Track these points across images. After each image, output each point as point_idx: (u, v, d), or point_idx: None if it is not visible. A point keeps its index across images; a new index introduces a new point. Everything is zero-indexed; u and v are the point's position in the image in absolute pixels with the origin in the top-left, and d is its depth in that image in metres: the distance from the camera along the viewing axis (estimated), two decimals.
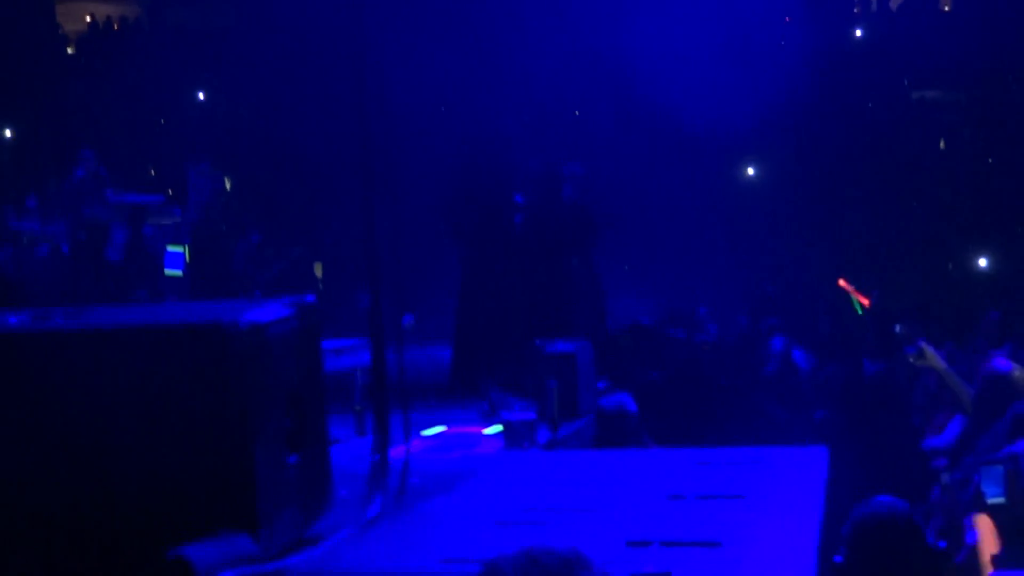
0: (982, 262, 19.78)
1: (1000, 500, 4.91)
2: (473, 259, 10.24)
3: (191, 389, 4.13)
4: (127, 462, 4.13)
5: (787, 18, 24.07)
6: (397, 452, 5.34)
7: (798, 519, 4.51)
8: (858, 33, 26.01)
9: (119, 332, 4.31)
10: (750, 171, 23.42)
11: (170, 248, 17.00)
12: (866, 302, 14.62)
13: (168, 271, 16.85)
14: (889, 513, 4.29)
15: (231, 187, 20.81)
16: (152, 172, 22.64)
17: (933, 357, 8.78)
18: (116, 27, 28.63)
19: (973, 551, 5.36)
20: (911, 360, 9.18)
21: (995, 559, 4.97)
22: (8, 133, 23.61)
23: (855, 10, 27.31)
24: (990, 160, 22.90)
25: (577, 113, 21.99)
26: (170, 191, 20.15)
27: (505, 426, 6.98)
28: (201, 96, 24.73)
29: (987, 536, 5.05)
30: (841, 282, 15.40)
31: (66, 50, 27.78)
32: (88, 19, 29.43)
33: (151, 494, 4.09)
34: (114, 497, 4.12)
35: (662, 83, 19.87)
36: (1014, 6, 23.19)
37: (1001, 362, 7.65)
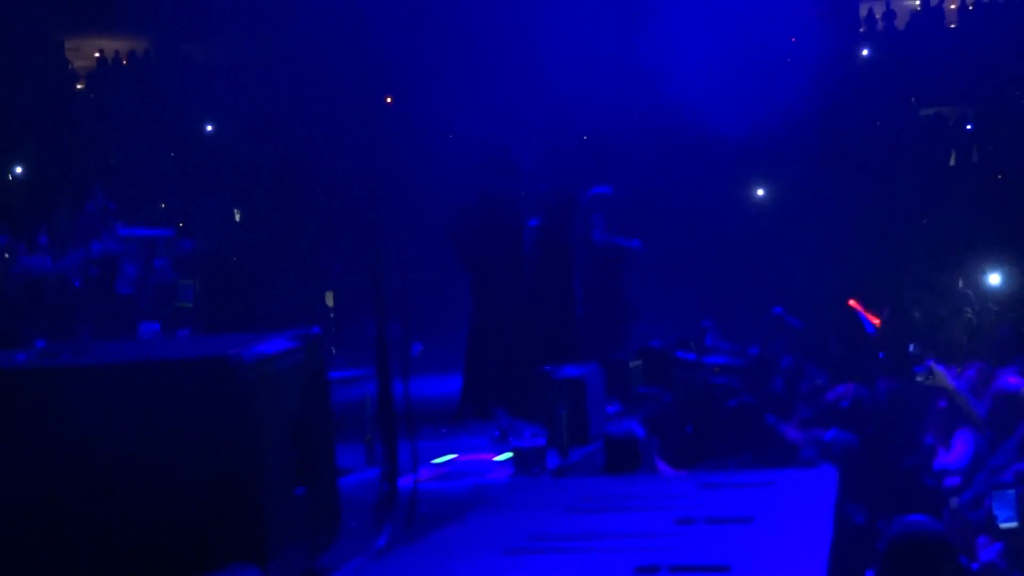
0: (994, 278, 19.72)
1: (1013, 525, 4.86)
2: (483, 285, 10.23)
3: (198, 422, 4.14)
4: (136, 496, 4.14)
5: (793, 38, 24.11)
6: (406, 481, 5.34)
7: (808, 541, 4.49)
8: (865, 52, 26.04)
9: (126, 367, 4.33)
10: (760, 191, 23.42)
11: (181, 281, 17.07)
12: (877, 321, 14.59)
13: (180, 303, 16.91)
14: (923, 532, 4.40)
15: (241, 219, 20.89)
16: (162, 205, 22.72)
17: (942, 377, 8.79)
18: (125, 62, 28.78)
19: (985, 570, 5.35)
20: (920, 380, 9.18)
21: None
22: (19, 169, 23.73)
23: (861, 29, 27.34)
24: (1000, 176, 22.88)
25: (585, 138, 22.03)
26: (180, 224, 20.22)
27: (515, 453, 6.98)
28: (209, 129, 24.83)
29: None
30: (851, 302, 15.37)
31: (75, 86, 27.93)
32: (97, 55, 29.60)
33: (160, 527, 4.11)
34: (123, 530, 4.13)
35: (671, 103, 19.92)
36: (1019, 22, 23.22)
37: (1010, 380, 7.65)
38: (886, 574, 4.41)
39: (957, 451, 8.49)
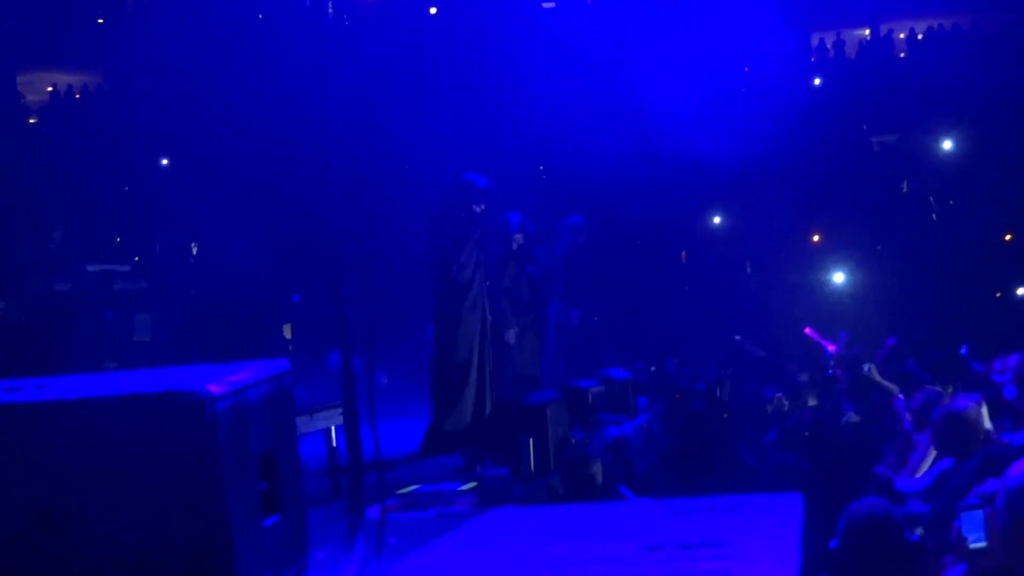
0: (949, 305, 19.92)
1: (982, 545, 4.92)
2: (445, 315, 10.22)
3: (164, 456, 4.11)
4: (101, 532, 4.10)
5: (746, 68, 24.34)
6: (373, 511, 5.32)
7: (775, 566, 4.51)
8: (817, 81, 26.32)
9: (89, 402, 4.28)
10: (716, 219, 23.57)
11: (138, 316, 16.96)
12: (832, 348, 14.70)
13: (137, 337, 16.79)
14: (875, 510, 5.37)
15: (197, 253, 20.79)
16: (117, 240, 22.59)
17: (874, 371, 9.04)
18: (78, 96, 28.64)
19: None
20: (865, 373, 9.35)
21: None
22: None
23: (812, 59, 27.63)
24: (951, 202, 23.14)
25: (541, 168, 22.12)
26: (136, 259, 20.10)
27: (479, 482, 6.97)
28: (164, 162, 24.73)
29: None
30: (807, 331, 15.49)
31: (28, 120, 27.77)
32: (50, 89, 29.45)
33: (124, 563, 4.06)
34: (86, 568, 4.08)
35: (627, 134, 20.04)
36: (969, 51, 23.56)
37: (959, 400, 7.71)
38: (844, 544, 5.25)
39: (918, 472, 8.55)
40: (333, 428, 7.50)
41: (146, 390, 4.38)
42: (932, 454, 8.49)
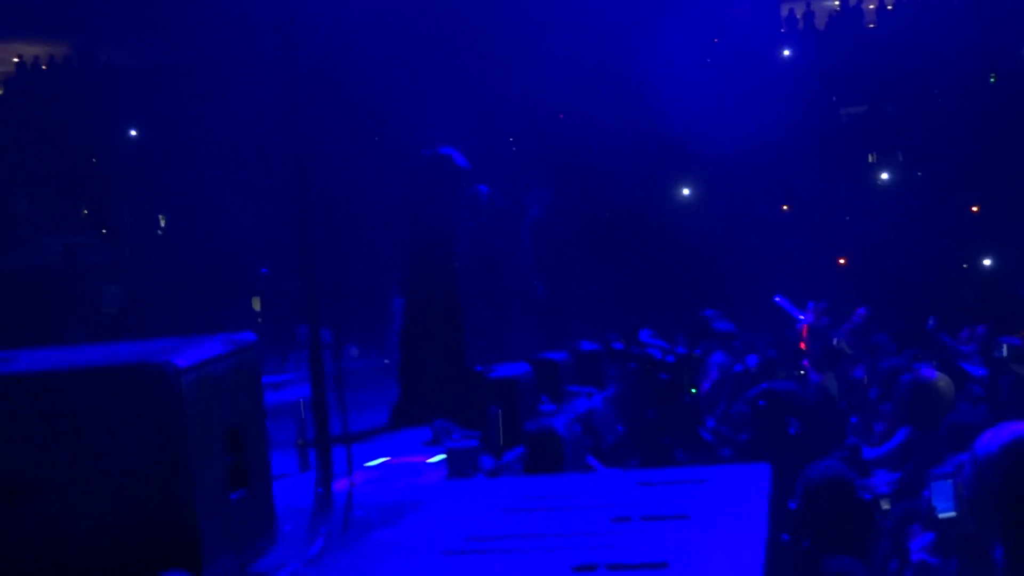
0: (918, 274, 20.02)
1: (951, 515, 4.96)
2: (414, 286, 10.22)
3: (130, 430, 4.09)
4: (65, 505, 4.08)
5: (715, 39, 24.32)
6: (341, 485, 5.31)
7: (743, 537, 4.53)
8: (786, 52, 26.33)
9: (55, 375, 4.27)
10: (685, 191, 23.61)
11: (105, 287, 16.87)
12: (802, 317, 14.76)
13: (104, 309, 16.71)
14: (830, 472, 5.80)
15: (167, 224, 20.68)
16: (85, 211, 22.44)
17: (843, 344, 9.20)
18: (45, 67, 28.39)
19: (921, 569, 5.42)
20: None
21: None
22: None
23: (782, 29, 27.63)
24: (919, 174, 23.23)
25: (511, 139, 22.06)
26: (104, 230, 19.98)
27: (448, 454, 6.97)
28: (133, 133, 24.57)
29: None
30: (777, 299, 15.54)
31: None
32: (16, 60, 29.17)
33: (90, 536, 4.05)
34: (53, 539, 4.07)
35: (599, 106, 20.00)
36: (938, 23, 23.60)
37: (926, 370, 7.76)
38: (802, 504, 5.61)
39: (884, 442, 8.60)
40: (302, 401, 7.49)
41: (112, 363, 4.37)
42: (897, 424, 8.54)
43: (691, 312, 17.02)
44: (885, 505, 6.35)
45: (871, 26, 27.86)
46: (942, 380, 7.53)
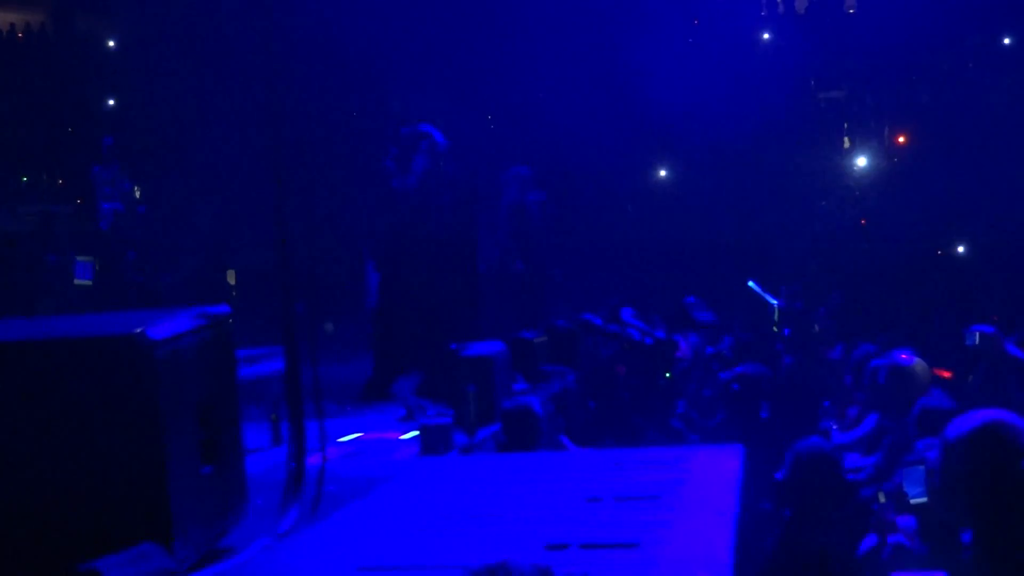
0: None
1: (923, 500, 4.99)
2: (389, 262, 10.20)
3: (102, 401, 4.07)
4: (36, 476, 4.06)
5: (695, 20, 24.30)
6: (313, 460, 5.30)
7: (714, 518, 4.55)
8: (766, 36, 26.33)
9: (28, 345, 4.24)
10: (662, 172, 23.62)
11: (80, 258, 16.76)
12: (775, 302, 14.80)
13: (78, 281, 16.61)
14: (818, 448, 6.10)
15: (140, 195, 20.56)
16: (60, 181, 22.30)
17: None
18: (20, 35, 28.15)
19: (897, 550, 5.45)
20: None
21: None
22: None
23: (763, 12, 27.63)
24: (895, 160, 23.30)
25: (490, 117, 22.02)
26: (79, 200, 19.85)
27: (421, 431, 6.97)
28: (111, 103, 24.40)
29: None
30: (750, 283, 15.58)
31: None
32: None
33: (62, 507, 4.03)
34: (24, 511, 4.05)
35: (580, 85, 19.97)
36: (917, 9, 23.62)
37: (902, 356, 7.79)
38: (789, 476, 5.91)
39: (855, 426, 8.64)
40: (275, 376, 7.47)
41: (85, 334, 4.34)
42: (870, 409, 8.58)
43: (669, 293, 17.05)
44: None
45: (851, 11, 27.89)
46: (918, 366, 7.57)
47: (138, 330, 4.09)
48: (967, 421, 3.56)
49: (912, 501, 5.11)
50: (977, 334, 8.76)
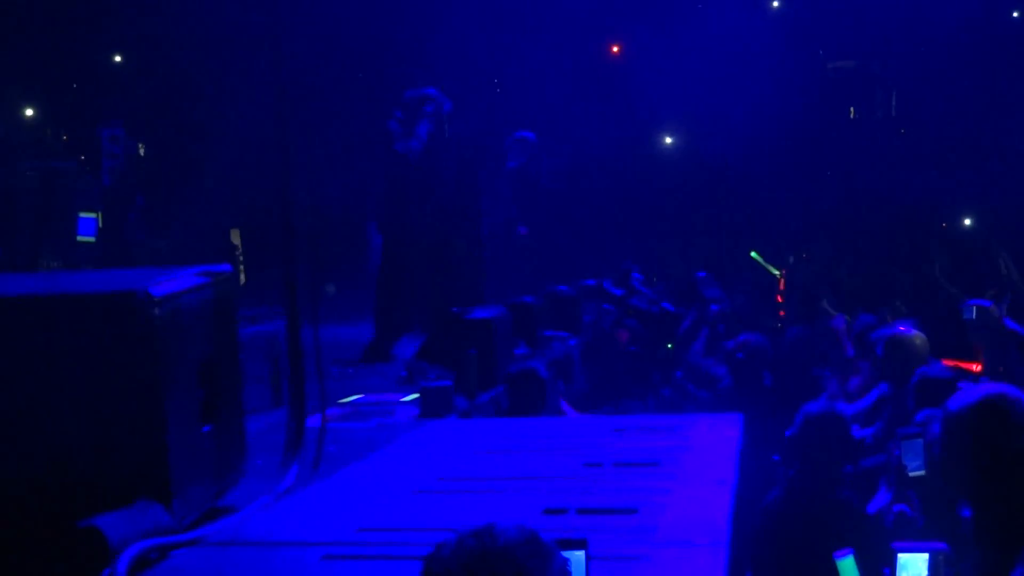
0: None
1: (921, 473, 5.00)
2: (391, 225, 10.17)
3: (102, 358, 4.06)
4: (36, 432, 4.06)
5: None
6: (313, 420, 5.30)
7: (712, 485, 4.55)
8: (775, 4, 26.17)
9: (27, 300, 4.23)
10: (668, 140, 23.54)
11: (83, 214, 16.74)
12: (778, 272, 14.78)
13: (81, 237, 16.60)
14: (827, 408, 6.44)
15: (146, 153, 20.51)
16: (64, 137, 22.23)
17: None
18: None
19: (900, 518, 5.47)
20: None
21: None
22: None
23: None
24: (902, 131, 23.21)
25: (496, 80, 21.91)
26: (82, 157, 19.80)
27: (422, 393, 6.97)
28: (118, 59, 24.25)
29: None
30: (753, 253, 15.56)
31: None
32: None
33: (62, 464, 4.03)
34: (24, 467, 4.05)
35: (591, 57, 19.87)
36: None
37: (900, 328, 7.79)
38: (798, 434, 6.15)
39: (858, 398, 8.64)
40: (277, 336, 7.46)
41: (86, 290, 4.33)
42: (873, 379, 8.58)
43: (672, 260, 17.03)
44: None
45: None
46: (917, 338, 7.56)
47: (139, 287, 4.08)
48: (968, 395, 3.54)
49: (911, 474, 5.11)
50: (975, 308, 8.76)
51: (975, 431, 3.40)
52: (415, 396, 7.15)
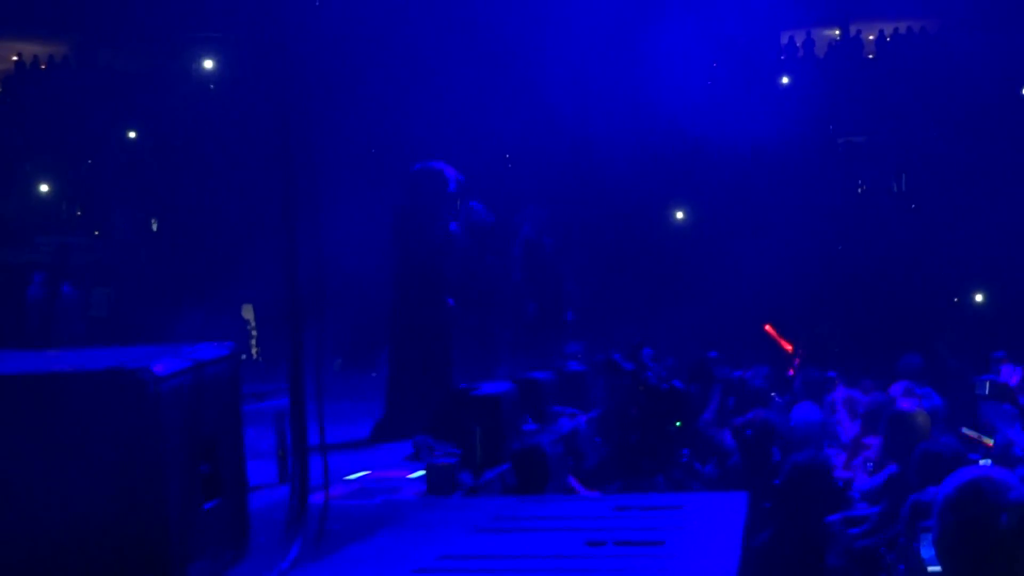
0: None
1: (937, 569, 4.89)
2: (403, 301, 10.16)
3: (105, 435, 4.07)
4: (38, 510, 4.06)
5: (714, 63, 24.35)
6: (317, 497, 5.29)
7: (716, 565, 4.53)
8: (785, 80, 26.37)
9: (33, 378, 4.25)
10: (679, 214, 23.61)
11: (95, 289, 16.83)
12: (789, 348, 14.74)
13: (93, 312, 16.66)
14: (813, 458, 6.99)
15: (157, 228, 20.66)
16: (78, 212, 22.39)
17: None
18: (43, 67, 28.37)
19: None
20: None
21: None
22: None
23: (782, 57, 27.68)
24: (913, 206, 23.26)
25: (508, 156, 22.07)
26: (96, 232, 19.93)
27: (428, 470, 6.95)
28: (132, 136, 24.50)
29: None
30: (767, 327, 15.53)
31: None
32: (15, 58, 29.14)
33: (64, 542, 4.03)
34: (25, 545, 4.05)
35: (600, 128, 20.00)
36: (936, 55, 23.67)
37: (904, 403, 7.78)
38: (786, 481, 6.66)
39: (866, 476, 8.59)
40: (283, 411, 7.46)
41: (90, 368, 4.35)
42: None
43: (682, 334, 16.98)
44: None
45: (870, 56, 27.95)
46: (920, 414, 7.55)
47: (142, 365, 4.10)
48: (957, 477, 3.46)
49: (929, 569, 4.95)
50: (988, 383, 8.75)
51: (956, 516, 3.31)
52: (421, 473, 7.13)
